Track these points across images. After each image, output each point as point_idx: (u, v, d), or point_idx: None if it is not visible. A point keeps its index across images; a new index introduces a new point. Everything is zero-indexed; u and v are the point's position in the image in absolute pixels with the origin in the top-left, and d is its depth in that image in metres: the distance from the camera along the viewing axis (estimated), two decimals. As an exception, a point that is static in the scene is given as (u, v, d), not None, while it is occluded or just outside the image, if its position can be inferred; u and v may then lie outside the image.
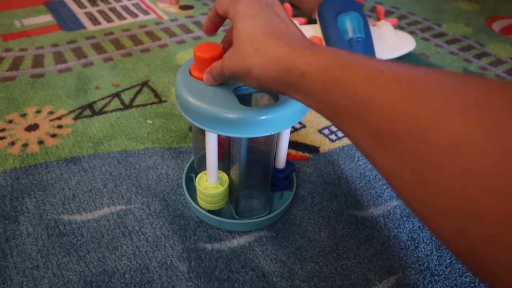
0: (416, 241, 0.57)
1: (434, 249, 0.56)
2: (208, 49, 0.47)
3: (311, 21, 1.02)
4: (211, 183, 0.54)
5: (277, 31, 0.38)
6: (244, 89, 0.48)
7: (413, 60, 1.00)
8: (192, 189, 0.61)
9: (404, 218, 0.60)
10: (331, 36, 0.88)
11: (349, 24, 0.88)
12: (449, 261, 0.55)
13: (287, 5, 0.99)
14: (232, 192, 0.57)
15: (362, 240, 0.57)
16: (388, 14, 1.27)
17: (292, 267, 0.53)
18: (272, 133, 0.46)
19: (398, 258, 0.55)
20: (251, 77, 0.38)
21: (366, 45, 0.87)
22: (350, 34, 0.87)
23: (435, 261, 0.55)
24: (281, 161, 0.57)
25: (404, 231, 0.59)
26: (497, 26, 1.24)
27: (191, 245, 0.55)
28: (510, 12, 1.36)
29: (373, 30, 0.95)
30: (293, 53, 0.35)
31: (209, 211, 0.56)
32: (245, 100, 0.47)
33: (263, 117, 0.44)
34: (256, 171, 0.56)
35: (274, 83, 0.37)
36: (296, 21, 0.96)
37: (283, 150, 0.55)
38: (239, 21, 0.39)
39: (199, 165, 0.61)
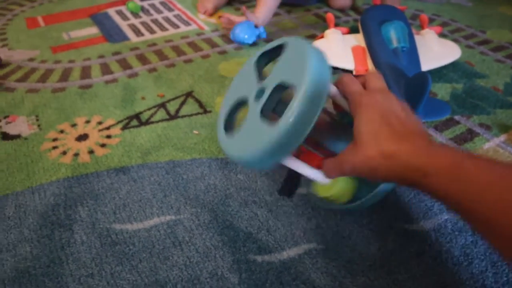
0: (470, 257, 0.56)
1: (489, 266, 0.54)
2: None
3: (353, 31, 1.02)
4: (325, 184, 0.51)
5: (398, 132, 0.41)
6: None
7: (458, 69, 0.98)
8: None
9: (456, 233, 0.59)
10: (375, 46, 0.87)
11: (393, 33, 0.87)
12: (505, 278, 0.53)
13: (330, 15, 0.98)
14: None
15: (412, 255, 0.56)
16: (429, 21, 1.25)
17: (343, 281, 0.52)
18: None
19: (451, 274, 0.54)
20: (377, 176, 0.42)
21: (411, 55, 0.86)
22: (395, 44, 0.86)
23: (490, 278, 0.53)
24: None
25: (457, 246, 0.57)
26: (545, 32, 1.20)
27: (241, 257, 0.55)
28: (558, 17, 1.32)
29: (417, 39, 0.93)
30: (416, 154, 0.39)
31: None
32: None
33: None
34: None
35: (399, 180, 0.41)
36: (338, 30, 0.95)
37: None
38: (362, 115, 0.43)
39: None
